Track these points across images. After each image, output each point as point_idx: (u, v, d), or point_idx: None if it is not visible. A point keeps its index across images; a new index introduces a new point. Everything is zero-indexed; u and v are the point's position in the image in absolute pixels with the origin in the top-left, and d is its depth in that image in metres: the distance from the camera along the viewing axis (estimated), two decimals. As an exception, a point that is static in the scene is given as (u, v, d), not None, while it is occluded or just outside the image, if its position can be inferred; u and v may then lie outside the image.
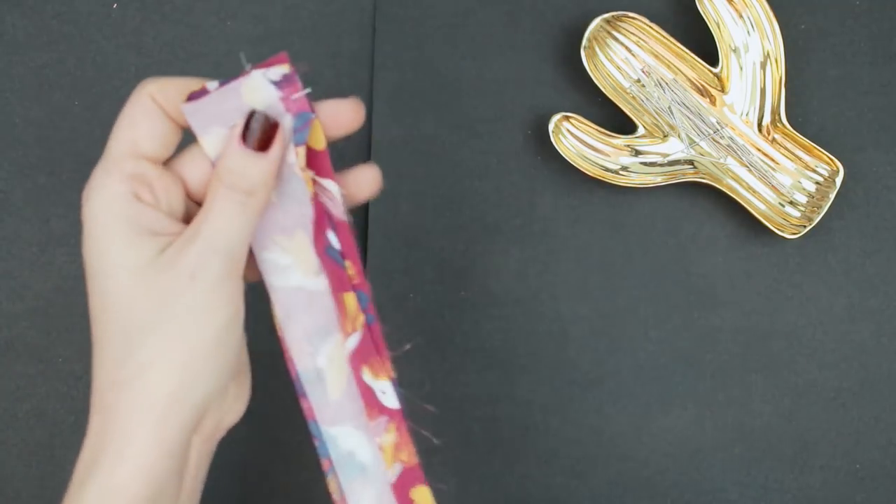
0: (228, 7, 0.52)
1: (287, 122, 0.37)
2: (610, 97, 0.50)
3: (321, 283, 0.39)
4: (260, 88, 0.37)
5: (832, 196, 0.50)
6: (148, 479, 0.36)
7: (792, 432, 0.52)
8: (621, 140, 0.50)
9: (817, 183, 0.50)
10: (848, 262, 0.52)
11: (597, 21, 0.50)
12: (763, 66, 0.50)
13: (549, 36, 0.53)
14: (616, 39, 0.50)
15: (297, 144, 0.37)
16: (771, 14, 0.49)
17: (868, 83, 0.53)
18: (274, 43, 0.52)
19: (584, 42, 0.50)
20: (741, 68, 0.50)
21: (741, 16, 0.49)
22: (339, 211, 0.39)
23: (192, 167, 0.38)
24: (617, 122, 0.51)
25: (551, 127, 0.50)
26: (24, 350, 0.51)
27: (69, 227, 0.52)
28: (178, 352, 0.36)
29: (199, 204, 0.39)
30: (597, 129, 0.50)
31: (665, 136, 0.50)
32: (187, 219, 0.39)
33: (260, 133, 0.36)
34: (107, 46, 0.52)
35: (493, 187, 0.52)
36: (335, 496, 0.40)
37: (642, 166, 0.50)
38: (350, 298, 0.39)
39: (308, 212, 0.38)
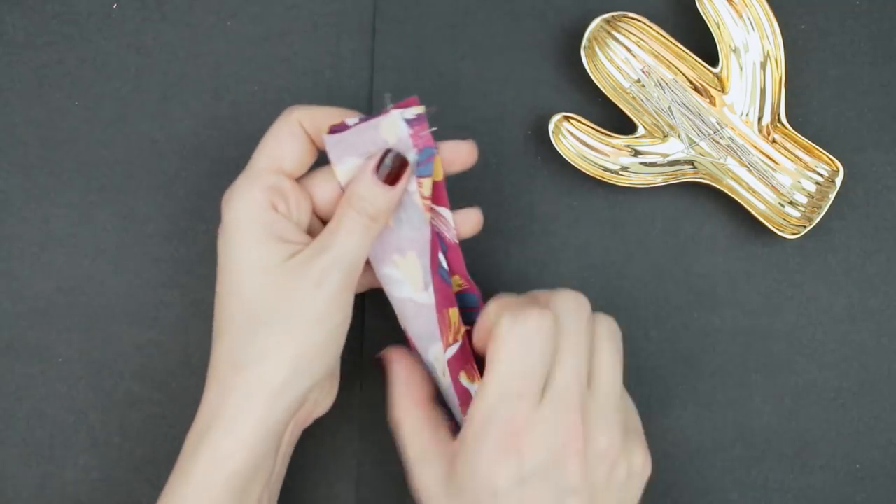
0: (228, 7, 0.52)
1: (412, 158, 0.42)
2: (610, 97, 0.50)
3: (427, 298, 0.44)
4: (395, 125, 0.42)
5: (832, 196, 0.50)
6: (251, 454, 0.41)
7: (792, 432, 0.52)
8: (621, 140, 0.50)
9: (817, 183, 0.50)
10: (848, 262, 0.52)
11: (597, 21, 0.50)
12: (763, 66, 0.50)
13: (549, 36, 0.53)
14: (616, 39, 0.50)
15: (420, 177, 0.43)
16: (771, 14, 0.49)
17: (868, 83, 0.53)
18: (274, 43, 0.52)
19: (584, 42, 0.50)
20: (741, 68, 0.50)
21: (741, 16, 0.49)
22: (451, 234, 0.45)
23: (322, 187, 0.44)
24: (617, 122, 0.51)
25: (551, 127, 0.50)
26: (24, 350, 0.51)
27: (69, 227, 0.52)
28: (294, 346, 0.41)
29: (321, 220, 0.45)
30: (597, 129, 0.50)
31: (665, 137, 0.50)
32: (310, 231, 0.44)
33: (391, 169, 0.42)
34: (107, 46, 0.52)
35: (493, 187, 0.52)
36: None
37: (642, 166, 0.50)
38: (454, 313, 0.44)
39: (420, 236, 0.44)
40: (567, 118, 0.50)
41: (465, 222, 0.46)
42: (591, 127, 0.50)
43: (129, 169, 0.52)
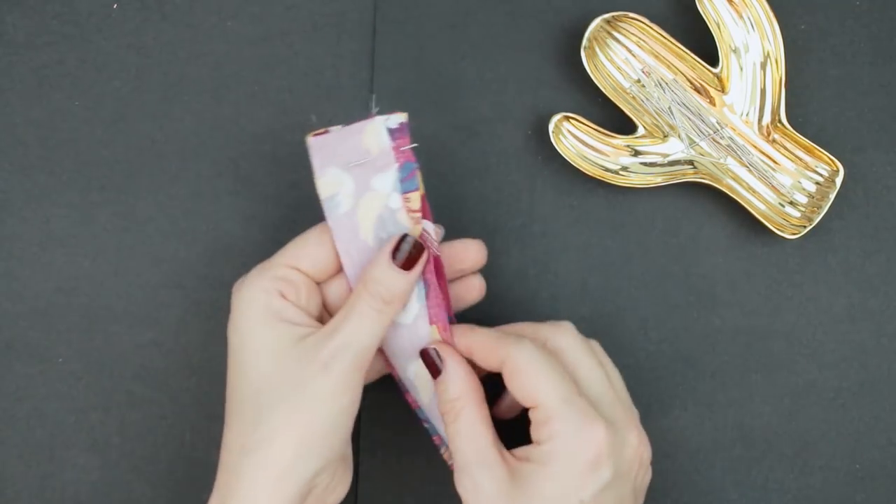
0: (228, 7, 0.52)
1: (393, 176, 0.43)
2: (610, 97, 0.50)
3: (402, 318, 0.44)
4: (378, 133, 0.43)
5: (832, 196, 0.50)
6: None
7: (792, 432, 0.52)
8: (621, 140, 0.50)
9: (817, 183, 0.50)
10: (848, 262, 0.52)
11: (597, 21, 0.50)
12: (763, 66, 0.50)
13: (549, 36, 0.53)
14: (616, 40, 0.50)
15: (406, 192, 0.43)
16: (771, 14, 0.49)
17: (868, 83, 0.53)
18: (274, 43, 0.52)
19: (584, 42, 0.50)
20: (741, 68, 0.50)
21: (741, 16, 0.49)
22: (434, 246, 0.45)
23: (333, 288, 0.45)
24: (617, 122, 0.51)
25: (551, 127, 0.50)
26: (24, 350, 0.51)
27: (69, 227, 0.52)
28: (300, 429, 0.41)
29: (330, 314, 0.45)
30: (597, 129, 0.50)
31: (665, 137, 0.50)
32: (320, 319, 0.44)
33: (407, 254, 0.42)
34: (107, 46, 0.52)
35: (493, 187, 0.52)
36: (450, 462, 0.46)
37: (642, 166, 0.50)
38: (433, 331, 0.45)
39: None
40: (567, 118, 0.50)
41: (469, 290, 0.47)
42: (591, 127, 0.50)
43: (129, 169, 0.52)
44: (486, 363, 0.44)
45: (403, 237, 0.42)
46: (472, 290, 0.47)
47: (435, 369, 0.44)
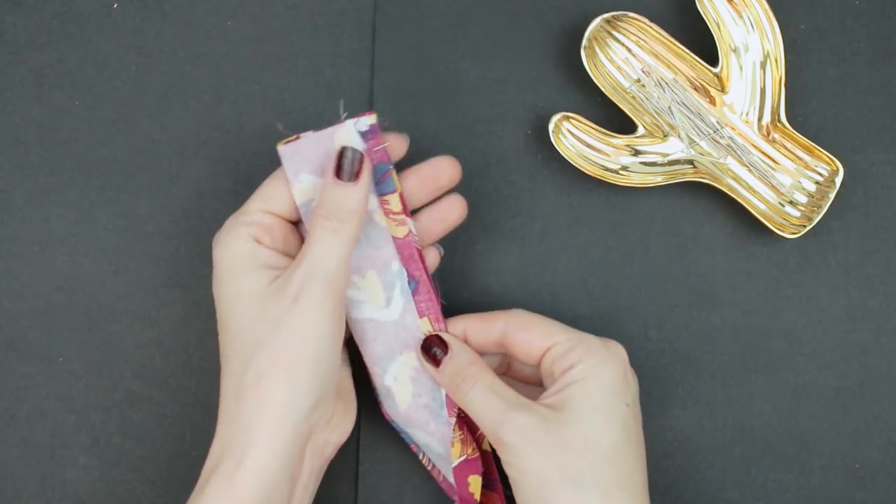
0: (228, 7, 0.53)
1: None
2: (610, 97, 0.50)
3: (388, 315, 0.45)
4: (349, 138, 0.43)
5: (832, 196, 0.50)
6: (264, 479, 0.41)
7: (792, 432, 0.52)
8: (621, 140, 0.50)
9: (817, 183, 0.50)
10: (848, 262, 0.52)
11: (597, 21, 0.50)
12: (763, 66, 0.50)
13: (549, 36, 0.53)
14: (616, 39, 0.50)
15: (382, 194, 0.44)
16: (771, 14, 0.49)
17: (868, 83, 0.53)
18: (274, 43, 0.52)
19: (584, 42, 0.50)
20: (741, 68, 0.50)
21: (741, 16, 0.49)
22: (417, 242, 0.45)
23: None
24: (617, 122, 0.51)
25: (551, 127, 0.50)
26: (24, 350, 0.51)
27: (69, 227, 0.52)
28: (285, 364, 0.41)
29: None
30: (597, 129, 0.50)
31: (665, 136, 0.50)
32: None
33: (350, 167, 0.42)
34: (107, 46, 0.52)
35: (493, 187, 0.52)
36: (428, 466, 0.48)
37: (642, 166, 0.50)
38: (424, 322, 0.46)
39: (381, 254, 0.44)
40: (567, 118, 0.50)
41: (452, 209, 0.47)
42: (591, 126, 0.50)
43: (129, 169, 0.52)
44: (483, 337, 0.46)
45: (342, 151, 0.42)
46: (454, 208, 0.47)
47: (436, 359, 0.45)
